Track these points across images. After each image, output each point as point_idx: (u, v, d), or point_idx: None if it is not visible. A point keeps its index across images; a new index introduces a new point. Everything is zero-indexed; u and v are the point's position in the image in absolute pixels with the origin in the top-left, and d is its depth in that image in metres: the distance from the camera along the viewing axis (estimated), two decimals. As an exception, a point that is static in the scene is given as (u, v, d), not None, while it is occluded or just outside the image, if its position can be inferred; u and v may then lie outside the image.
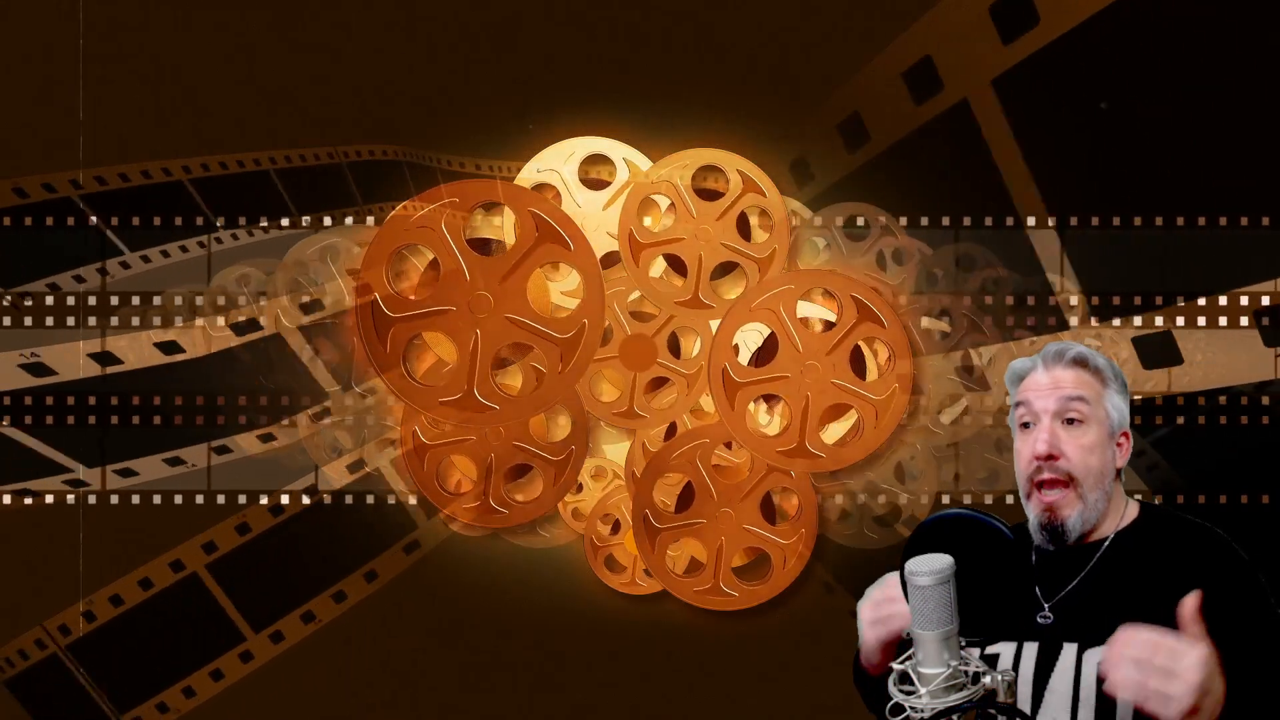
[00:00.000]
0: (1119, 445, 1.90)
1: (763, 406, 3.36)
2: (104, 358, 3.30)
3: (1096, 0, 3.13)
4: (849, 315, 3.28)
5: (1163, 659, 1.58)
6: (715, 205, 3.34)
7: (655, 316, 3.38)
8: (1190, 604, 1.62)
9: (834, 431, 3.33)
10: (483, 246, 3.32)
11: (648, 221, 3.37)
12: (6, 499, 3.33)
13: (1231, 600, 1.75)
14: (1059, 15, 3.14)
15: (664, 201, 3.36)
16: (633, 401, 3.38)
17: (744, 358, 3.37)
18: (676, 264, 3.38)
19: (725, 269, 3.38)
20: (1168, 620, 1.68)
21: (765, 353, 3.34)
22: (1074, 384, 1.88)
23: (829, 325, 3.30)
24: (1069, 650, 1.79)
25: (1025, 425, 1.90)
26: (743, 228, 3.36)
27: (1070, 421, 1.87)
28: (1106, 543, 1.88)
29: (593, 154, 3.38)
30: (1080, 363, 1.90)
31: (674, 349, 3.40)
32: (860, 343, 3.30)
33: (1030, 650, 1.82)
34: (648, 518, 3.33)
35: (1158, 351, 3.22)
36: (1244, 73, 3.19)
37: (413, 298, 3.26)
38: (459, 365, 3.24)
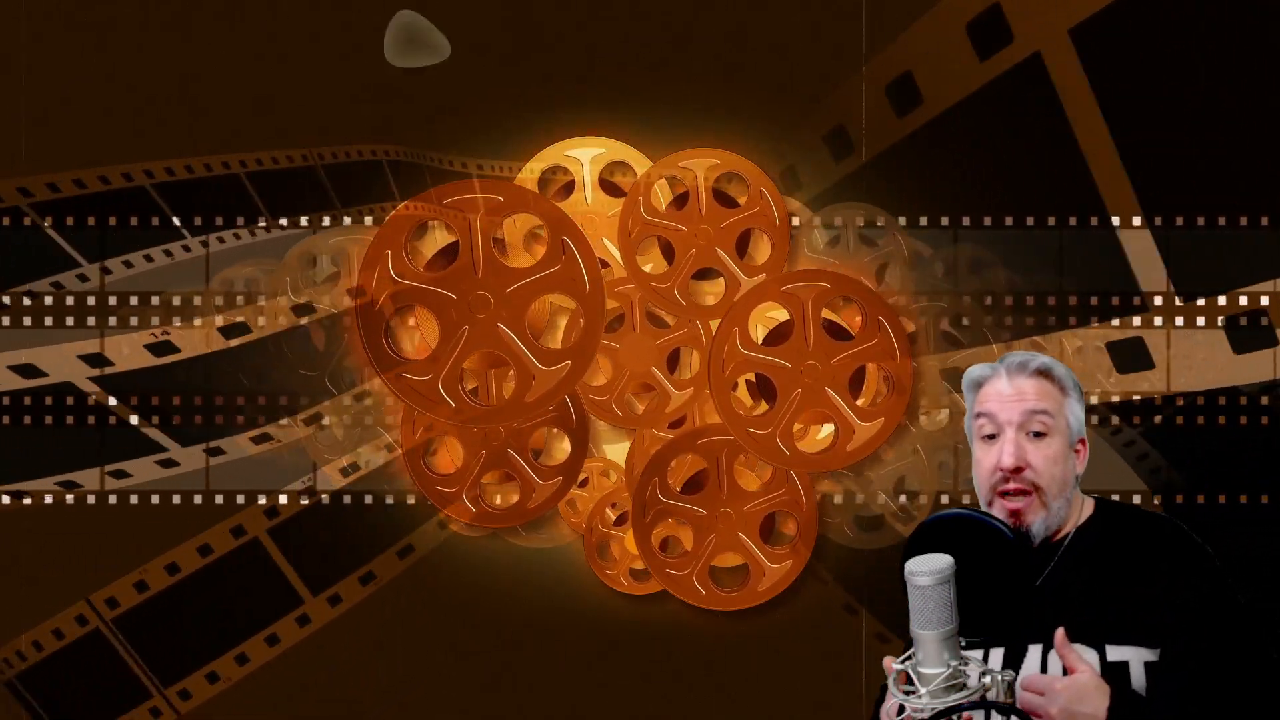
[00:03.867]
0: (1076, 451, 1.91)
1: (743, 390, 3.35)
2: (160, 346, 3.32)
3: None
4: (869, 335, 3.26)
5: (1033, 699, 1.71)
6: (726, 213, 3.33)
7: (670, 325, 3.38)
8: (1058, 635, 1.73)
9: (822, 429, 3.33)
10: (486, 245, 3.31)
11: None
12: (48, 497, 3.34)
13: (1191, 588, 1.78)
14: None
15: (664, 198, 3.36)
16: (617, 393, 3.36)
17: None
18: (668, 253, 3.37)
19: (705, 274, 3.36)
20: (1129, 612, 1.77)
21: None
22: (1037, 395, 1.89)
23: (829, 324, 3.29)
24: (1034, 653, 1.81)
25: (988, 437, 1.91)
26: (740, 240, 3.35)
27: (1034, 434, 1.88)
28: (1066, 541, 1.90)
29: (615, 160, 3.38)
30: (1044, 373, 1.90)
31: (672, 364, 3.40)
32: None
33: (997, 655, 1.83)
34: (655, 487, 3.32)
35: (1130, 356, 3.23)
36: (1243, 76, 3.20)
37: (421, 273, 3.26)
38: (437, 352, 3.22)
